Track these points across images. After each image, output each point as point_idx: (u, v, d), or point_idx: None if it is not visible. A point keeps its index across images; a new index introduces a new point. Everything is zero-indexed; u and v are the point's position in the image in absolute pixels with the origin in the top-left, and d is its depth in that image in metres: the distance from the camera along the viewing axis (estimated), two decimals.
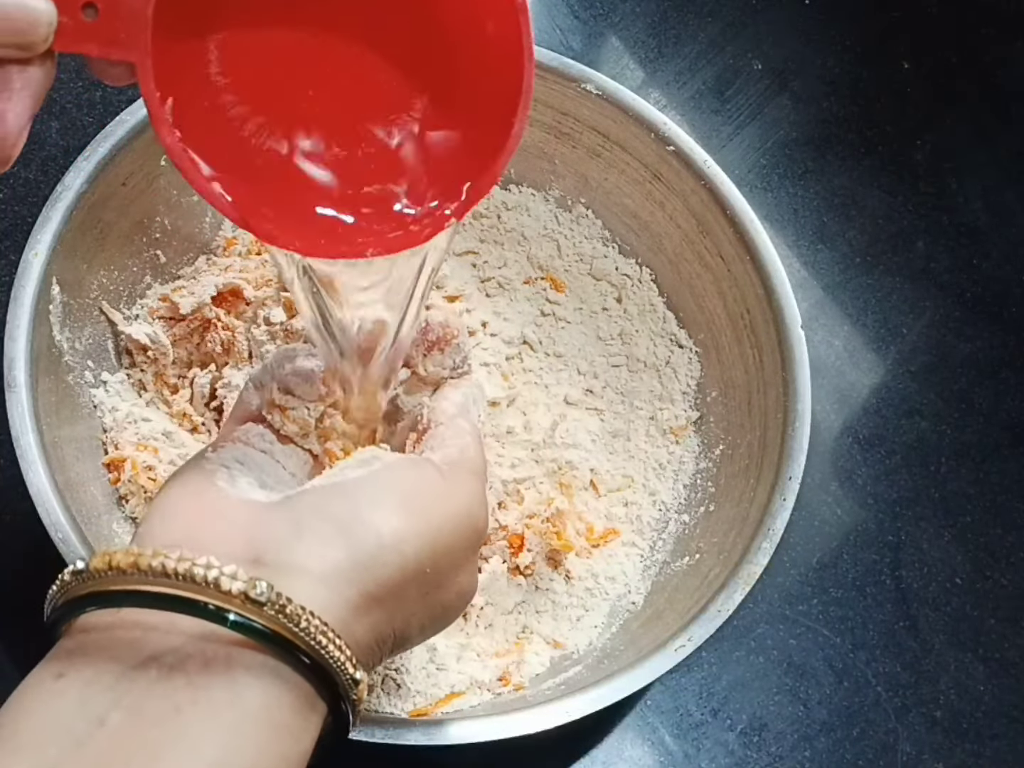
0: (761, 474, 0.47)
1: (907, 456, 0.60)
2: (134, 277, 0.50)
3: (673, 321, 0.55)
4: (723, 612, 0.41)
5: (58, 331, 0.45)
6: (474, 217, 0.57)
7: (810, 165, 0.69)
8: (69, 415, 0.46)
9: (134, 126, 0.47)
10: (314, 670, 0.27)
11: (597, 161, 0.55)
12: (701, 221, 0.53)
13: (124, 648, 0.27)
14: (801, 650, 0.54)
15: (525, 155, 0.56)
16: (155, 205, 0.50)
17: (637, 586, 0.49)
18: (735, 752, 0.51)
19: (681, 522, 0.51)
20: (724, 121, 0.69)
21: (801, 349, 0.48)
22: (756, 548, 0.43)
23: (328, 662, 0.28)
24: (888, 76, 0.73)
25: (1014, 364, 0.65)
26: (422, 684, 0.44)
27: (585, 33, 0.70)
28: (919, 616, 0.56)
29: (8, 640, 0.46)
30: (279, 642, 0.27)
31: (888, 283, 0.66)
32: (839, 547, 0.57)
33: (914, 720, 0.53)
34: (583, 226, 0.57)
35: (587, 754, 0.50)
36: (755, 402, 0.50)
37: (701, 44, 0.72)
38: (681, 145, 0.52)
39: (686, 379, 0.54)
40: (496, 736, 0.38)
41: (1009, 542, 0.59)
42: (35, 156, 0.58)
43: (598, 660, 0.45)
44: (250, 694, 0.26)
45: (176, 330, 0.50)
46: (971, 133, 0.72)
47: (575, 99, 0.53)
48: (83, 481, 0.44)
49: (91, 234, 0.47)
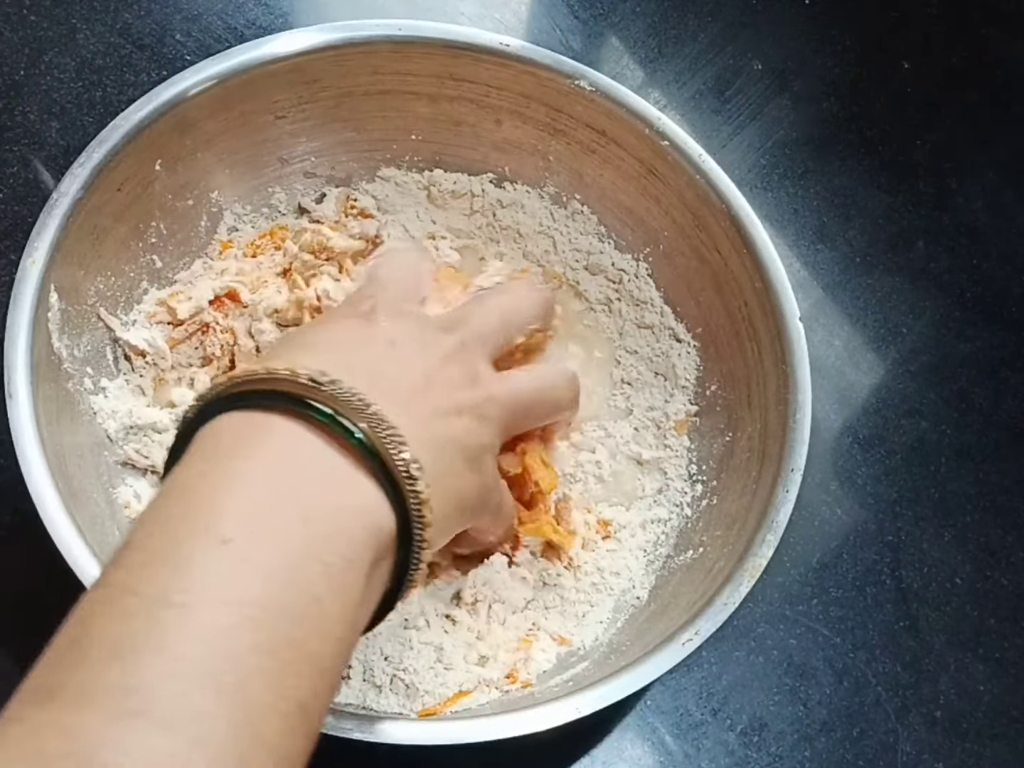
0: (763, 466, 0.47)
1: (907, 456, 0.60)
2: (131, 282, 0.50)
3: (671, 315, 0.55)
4: (729, 605, 0.41)
5: (57, 338, 0.45)
6: (469, 215, 0.57)
7: (810, 165, 0.69)
8: (70, 422, 0.45)
9: (128, 131, 0.47)
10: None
11: (592, 157, 0.55)
12: (697, 215, 0.52)
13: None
14: (801, 650, 0.54)
15: (519, 152, 0.56)
16: (151, 210, 0.50)
17: (641, 580, 0.49)
18: (735, 752, 0.51)
19: (683, 516, 0.51)
20: (724, 121, 0.69)
21: (800, 341, 0.48)
22: (760, 540, 0.43)
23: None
24: (888, 76, 0.73)
25: (1014, 364, 0.65)
26: (430, 684, 0.44)
27: (585, 33, 0.70)
28: (919, 616, 0.56)
29: (8, 640, 0.46)
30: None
31: (888, 283, 0.66)
32: (839, 547, 0.57)
33: (914, 720, 0.53)
34: (579, 222, 0.57)
35: (587, 754, 0.50)
36: (755, 395, 0.50)
37: (701, 44, 0.72)
38: (676, 140, 0.52)
39: (685, 373, 0.54)
40: (505, 735, 0.38)
41: (1009, 542, 0.59)
42: (35, 156, 0.58)
43: (605, 656, 0.45)
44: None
45: (175, 334, 0.50)
46: (971, 133, 0.72)
47: (569, 96, 0.53)
48: (85, 488, 0.44)
49: (88, 240, 0.47)
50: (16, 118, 0.59)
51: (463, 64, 0.53)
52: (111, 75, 0.61)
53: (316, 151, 0.55)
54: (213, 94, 0.49)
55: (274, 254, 0.53)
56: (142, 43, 0.63)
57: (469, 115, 0.55)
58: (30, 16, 0.62)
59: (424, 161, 0.57)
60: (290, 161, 0.55)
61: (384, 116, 0.55)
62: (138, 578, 0.26)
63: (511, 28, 0.69)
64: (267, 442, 0.30)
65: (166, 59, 0.63)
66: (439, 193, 0.57)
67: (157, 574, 0.26)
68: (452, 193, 0.57)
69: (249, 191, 0.54)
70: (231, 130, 0.52)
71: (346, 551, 0.29)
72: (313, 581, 0.28)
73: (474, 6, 0.69)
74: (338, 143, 0.55)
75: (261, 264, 0.53)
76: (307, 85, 0.52)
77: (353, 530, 0.30)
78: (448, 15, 0.69)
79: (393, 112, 0.55)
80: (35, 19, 0.62)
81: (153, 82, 0.49)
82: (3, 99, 0.59)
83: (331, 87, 0.53)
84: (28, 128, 0.59)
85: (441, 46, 0.52)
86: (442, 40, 0.52)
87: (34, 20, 0.62)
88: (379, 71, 0.53)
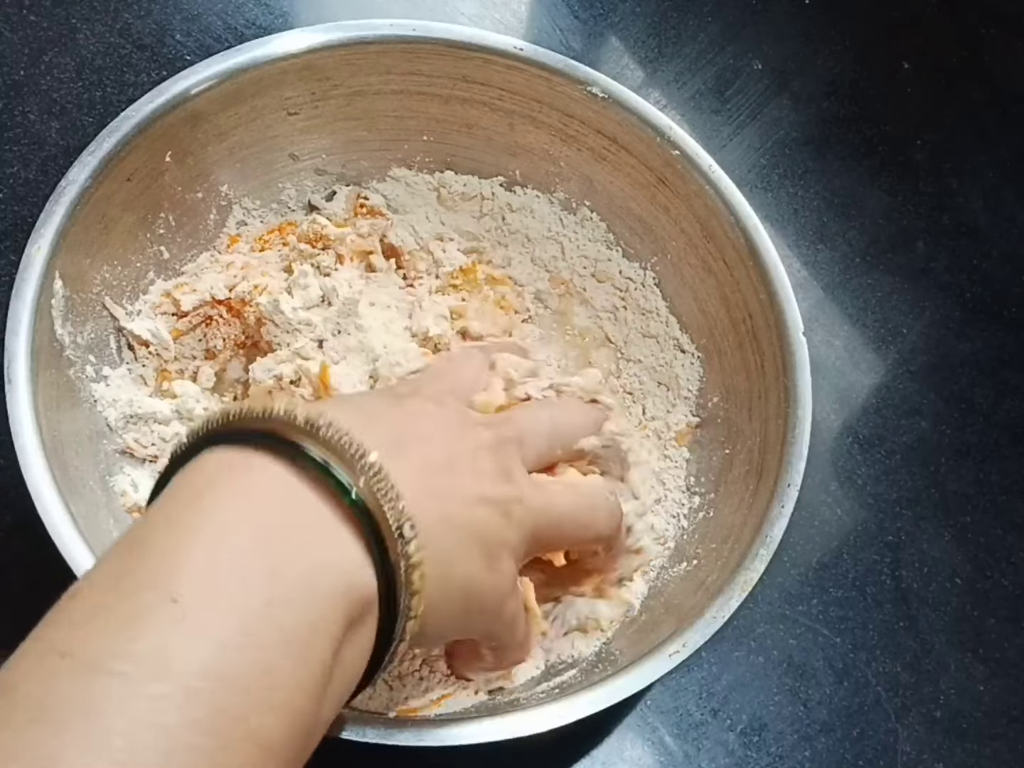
0: (760, 480, 0.46)
1: (907, 456, 0.60)
2: (137, 273, 0.50)
3: (676, 325, 0.55)
4: (718, 619, 0.41)
5: (60, 325, 0.45)
6: (478, 218, 0.57)
7: (810, 165, 0.69)
8: (69, 410, 0.45)
9: (139, 122, 0.47)
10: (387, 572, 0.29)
11: (602, 164, 0.55)
12: (705, 226, 0.52)
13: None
14: (801, 650, 0.54)
15: (530, 157, 0.56)
16: (159, 201, 0.50)
17: (634, 590, 0.49)
18: (735, 752, 0.51)
19: (679, 527, 0.50)
20: (724, 121, 0.69)
21: (802, 355, 0.48)
22: (753, 555, 0.43)
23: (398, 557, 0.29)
24: (888, 76, 0.73)
25: (1014, 364, 0.65)
26: (413, 689, 0.44)
27: (585, 33, 0.70)
28: (919, 616, 0.56)
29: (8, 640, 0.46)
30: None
31: (888, 283, 0.66)
32: (839, 547, 0.57)
33: (914, 720, 0.53)
34: (587, 229, 0.57)
35: (587, 754, 0.50)
36: (756, 408, 0.50)
37: (701, 44, 0.72)
38: (686, 149, 0.52)
39: (688, 384, 0.54)
40: (484, 739, 0.37)
41: (1009, 542, 0.59)
42: (35, 156, 0.58)
43: (592, 664, 0.45)
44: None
45: (179, 325, 0.50)
46: (971, 133, 0.72)
47: (581, 101, 0.53)
48: (82, 476, 0.44)
49: (95, 229, 0.47)
50: (16, 118, 0.59)
51: (476, 66, 0.53)
52: (111, 75, 0.61)
53: (327, 148, 0.55)
54: (224, 88, 0.49)
55: (281, 249, 0.53)
56: (142, 43, 0.63)
57: (481, 118, 0.55)
58: (30, 16, 0.62)
59: (435, 162, 0.57)
60: (301, 158, 0.55)
61: (396, 116, 0.55)
62: (73, 638, 0.24)
63: (511, 28, 0.69)
64: (243, 485, 0.28)
65: (166, 59, 0.63)
66: (449, 195, 0.57)
67: (94, 635, 0.24)
68: (462, 195, 0.57)
69: (259, 186, 0.54)
70: (242, 125, 0.52)
71: (311, 615, 0.27)
72: (268, 647, 0.25)
73: (474, 6, 0.69)
74: (349, 141, 0.55)
75: (267, 259, 0.53)
76: (319, 82, 0.52)
77: (323, 590, 0.27)
78: (448, 15, 0.69)
79: (405, 112, 0.55)
80: (35, 19, 0.62)
81: (153, 82, 0.49)
82: (3, 99, 0.59)
83: (343, 85, 0.53)
84: (28, 128, 0.59)
85: (454, 48, 0.52)
86: (455, 42, 0.52)
87: (34, 20, 0.62)
88: (392, 71, 0.53)
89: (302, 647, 0.26)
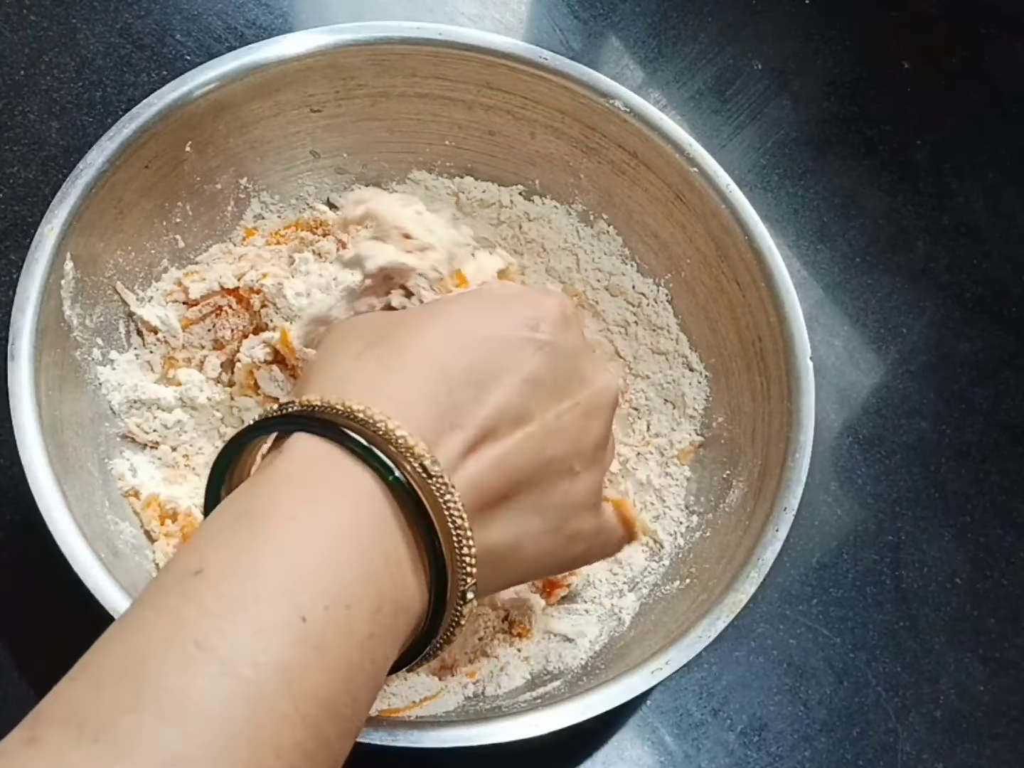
0: (758, 503, 0.46)
1: (907, 456, 0.60)
2: (151, 259, 0.50)
3: (686, 343, 0.55)
4: (703, 639, 0.41)
5: (68, 306, 0.45)
6: (496, 225, 0.57)
7: (810, 165, 0.69)
8: (73, 391, 0.45)
9: (161, 110, 0.47)
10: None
11: (622, 178, 0.55)
12: (720, 245, 0.52)
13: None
14: (801, 650, 0.54)
15: (551, 167, 0.56)
16: (177, 190, 0.50)
17: (625, 606, 0.49)
18: (735, 752, 0.51)
19: (676, 546, 0.50)
20: (724, 121, 0.69)
21: (808, 380, 0.48)
22: (744, 577, 0.43)
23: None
24: (888, 76, 0.73)
25: (1014, 364, 0.65)
26: (397, 687, 0.44)
27: (585, 33, 0.70)
28: (919, 616, 0.56)
29: (8, 640, 0.46)
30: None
31: (888, 283, 0.66)
32: (839, 547, 0.57)
33: (914, 720, 0.53)
34: (603, 242, 0.57)
35: (587, 754, 0.50)
36: (759, 430, 0.49)
37: (701, 44, 0.72)
38: (705, 167, 0.51)
39: (694, 403, 0.54)
40: (456, 744, 0.37)
41: (1009, 542, 0.59)
42: (35, 156, 0.58)
43: (577, 676, 0.45)
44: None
45: (188, 314, 0.50)
46: (971, 133, 0.72)
47: (603, 114, 0.53)
48: (80, 457, 0.44)
49: (110, 213, 0.47)
50: (16, 118, 0.59)
51: (500, 74, 0.53)
52: (111, 75, 0.61)
53: (348, 148, 0.55)
54: (248, 81, 0.49)
55: (294, 244, 0.53)
56: (142, 43, 0.63)
57: (504, 125, 0.55)
58: (30, 16, 0.62)
59: (455, 167, 0.57)
60: (322, 155, 0.55)
61: (419, 119, 0.55)
62: (207, 631, 0.24)
63: (511, 28, 0.69)
64: (348, 491, 0.28)
65: (166, 59, 0.63)
66: (468, 201, 0.57)
67: (229, 632, 0.24)
68: (480, 202, 0.57)
69: (279, 181, 0.54)
70: (265, 119, 0.52)
71: (392, 653, 0.28)
72: (361, 681, 0.27)
73: (474, 6, 0.69)
74: (371, 142, 0.55)
75: (280, 253, 0.53)
76: (344, 81, 0.52)
77: (401, 628, 0.29)
78: (448, 15, 0.69)
79: (428, 116, 0.55)
80: (35, 19, 0.62)
81: (153, 82, 0.49)
82: (3, 99, 0.59)
83: (367, 85, 0.53)
84: (28, 128, 0.59)
85: (480, 54, 0.52)
86: (481, 48, 0.52)
87: (34, 20, 0.62)
88: (416, 74, 0.53)
89: (379, 679, 0.28)
